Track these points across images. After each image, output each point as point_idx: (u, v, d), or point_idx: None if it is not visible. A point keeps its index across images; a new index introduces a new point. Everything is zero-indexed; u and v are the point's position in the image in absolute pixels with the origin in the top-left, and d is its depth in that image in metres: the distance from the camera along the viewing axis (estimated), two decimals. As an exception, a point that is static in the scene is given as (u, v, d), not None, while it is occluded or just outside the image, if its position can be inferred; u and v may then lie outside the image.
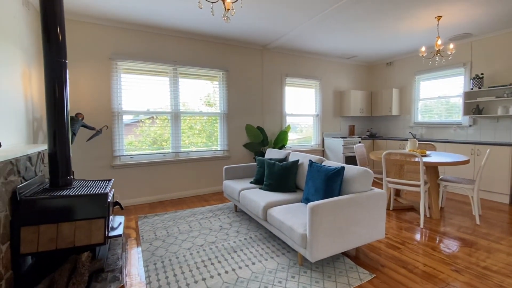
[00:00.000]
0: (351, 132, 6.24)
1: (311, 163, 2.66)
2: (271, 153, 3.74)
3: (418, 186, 3.05)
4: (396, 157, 3.12)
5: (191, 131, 4.45)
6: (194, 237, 2.74)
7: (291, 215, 2.28)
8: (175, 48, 4.23)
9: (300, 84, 5.55)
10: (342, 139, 5.39)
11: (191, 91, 4.41)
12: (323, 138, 5.87)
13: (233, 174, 3.69)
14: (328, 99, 5.93)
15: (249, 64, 4.89)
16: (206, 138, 4.58)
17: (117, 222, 2.47)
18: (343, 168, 2.33)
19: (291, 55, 5.35)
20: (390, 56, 5.80)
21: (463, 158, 3.24)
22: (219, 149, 4.67)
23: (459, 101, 4.90)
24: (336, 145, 5.54)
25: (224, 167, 3.68)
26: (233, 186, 3.32)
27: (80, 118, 3.38)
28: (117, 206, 2.69)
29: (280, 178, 2.98)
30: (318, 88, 5.77)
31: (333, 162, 2.70)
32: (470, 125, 4.71)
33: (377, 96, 6.12)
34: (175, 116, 4.27)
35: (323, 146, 5.88)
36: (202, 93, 4.51)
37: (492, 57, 4.41)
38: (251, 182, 3.38)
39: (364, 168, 2.29)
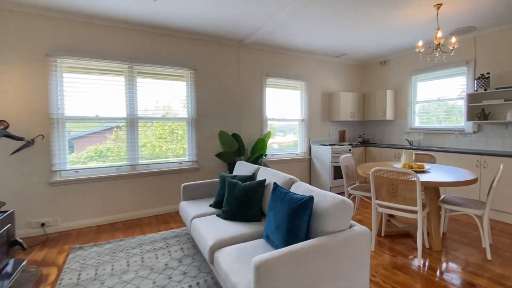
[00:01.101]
0: (342, 139, 5.64)
1: (275, 187, 2.04)
2: (240, 168, 3.12)
3: (415, 212, 2.44)
4: (387, 174, 2.51)
5: (153, 139, 3.83)
6: (125, 282, 2.12)
7: (241, 263, 1.67)
8: (131, 43, 3.61)
9: (284, 85, 4.94)
10: (330, 146, 4.79)
11: (153, 93, 3.80)
12: (310, 145, 5.27)
13: (194, 193, 3.08)
14: (315, 102, 5.33)
15: (222, 62, 4.28)
16: (170, 148, 3.96)
17: (11, 270, 1.84)
18: (311, 199, 1.71)
19: (272, 52, 4.74)
20: (384, 54, 5.21)
21: (468, 175, 2.64)
22: (186, 160, 4.05)
23: (461, 104, 4.31)
24: (323, 154, 4.93)
25: (182, 185, 3.06)
26: (187, 210, 2.71)
27: (1, 127, 2.76)
28: (18, 246, 2.08)
29: (242, 203, 2.36)
30: (304, 89, 5.17)
31: (305, 185, 2.09)
32: (474, 132, 4.12)
33: (370, 99, 5.53)
34: (131, 122, 3.65)
35: (309, 155, 5.27)
36: (166, 95, 3.89)
37: (500, 54, 3.82)
38: (210, 205, 2.77)
39: (341, 198, 1.68)
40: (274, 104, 4.85)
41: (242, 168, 3.08)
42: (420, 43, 3.25)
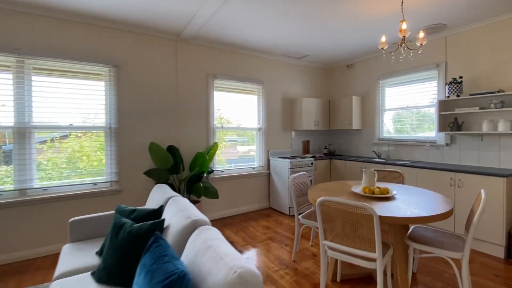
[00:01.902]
0: (306, 150, 5.02)
1: (154, 240, 1.30)
2: (156, 195, 2.35)
3: (374, 260, 1.78)
4: (337, 206, 1.85)
5: (56, 155, 2.97)
6: None
7: None
8: (22, 30, 2.77)
9: (237, 89, 4.25)
10: (289, 159, 4.12)
11: (58, 95, 2.95)
12: (268, 158, 4.59)
13: (87, 231, 2.25)
14: (275, 108, 4.68)
15: (155, 59, 3.52)
16: (80, 165, 3.11)
17: None
18: (180, 278, 0.98)
19: (221, 50, 4.05)
20: (350, 56, 4.69)
21: (442, 203, 2.03)
22: (104, 180, 3.21)
23: (433, 113, 3.82)
24: (282, 168, 4.26)
25: (70, 220, 2.23)
26: (61, 260, 1.88)
27: None
28: None
29: (124, 257, 1.59)
30: (261, 94, 4.51)
31: (211, 234, 1.36)
32: (447, 144, 3.62)
33: (335, 106, 4.97)
34: (20, 133, 2.77)
35: (268, 168, 4.59)
36: (76, 98, 3.06)
37: (473, 56, 3.36)
38: (97, 253, 1.96)
39: (240, 272, 0.96)
40: (225, 111, 4.13)
41: (158, 195, 2.31)
42: (383, 39, 2.67)
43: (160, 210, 1.96)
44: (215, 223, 3.81)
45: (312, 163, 4.37)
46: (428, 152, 3.83)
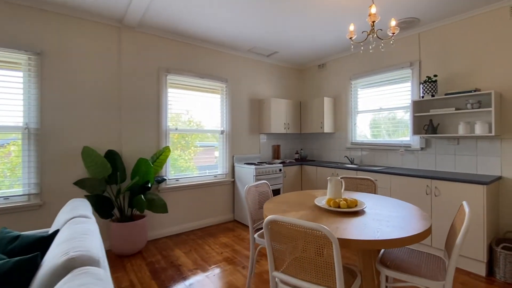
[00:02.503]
0: (276, 155, 4.61)
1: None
2: (59, 217, 1.80)
3: (335, 299, 1.36)
4: (289, 228, 1.42)
5: (-51, 162, 2.33)
6: None
7: None
8: None
9: (196, 87, 3.78)
10: (255, 166, 3.69)
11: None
12: (233, 164, 4.12)
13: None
14: (241, 109, 4.25)
15: (90, 48, 2.98)
16: (-13, 174, 2.48)
17: None
18: None
19: (175, 41, 3.57)
20: (321, 55, 4.38)
21: (419, 220, 1.67)
22: (20, 193, 2.60)
23: (408, 119, 3.55)
24: (247, 175, 3.82)
25: None
26: None
27: None
28: None
29: (-37, 316, 1.05)
30: (225, 93, 4.07)
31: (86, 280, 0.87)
32: (422, 148, 3.35)
33: (306, 107, 4.63)
34: None
35: (233, 176, 4.12)
36: (-19, 91, 2.45)
37: (448, 53, 3.13)
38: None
39: None
40: (181, 111, 3.64)
41: (64, 214, 1.76)
42: (352, 27, 2.33)
43: (51, 238, 1.43)
44: (166, 241, 3.27)
45: (280, 170, 3.96)
46: (402, 157, 3.55)
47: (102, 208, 2.78)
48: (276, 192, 3.90)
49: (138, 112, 3.26)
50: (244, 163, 3.99)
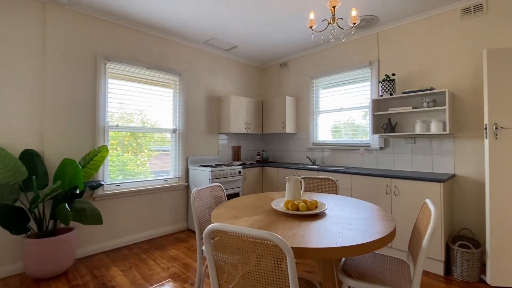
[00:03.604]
0: (236, 157, 4.32)
1: None
2: None
3: (290, 325, 1.09)
4: (236, 238, 1.12)
5: None
6: None
7: None
8: None
9: (143, 79, 3.34)
10: (211, 168, 3.35)
11: None
12: (187, 166, 3.73)
13: None
14: (197, 106, 3.90)
15: (6, 25, 2.42)
16: None
17: None
18: None
19: (117, 25, 3.11)
20: (283, 53, 4.24)
21: (382, 218, 1.50)
22: None
23: (366, 120, 3.52)
24: (202, 179, 3.46)
25: None
26: None
27: None
28: None
29: None
30: (178, 88, 3.69)
31: None
32: (381, 148, 3.32)
33: (268, 106, 4.43)
34: None
35: (187, 180, 3.73)
36: None
37: (405, 53, 3.15)
38: None
39: None
40: (127, 105, 3.17)
41: None
42: (312, 15, 2.16)
43: None
44: (102, 257, 2.76)
45: (240, 172, 3.68)
46: (362, 157, 3.50)
47: (13, 222, 2.22)
48: (234, 196, 3.59)
49: (67, 105, 2.73)
50: (200, 166, 3.63)
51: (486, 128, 2.25)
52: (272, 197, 2.09)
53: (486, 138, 2.25)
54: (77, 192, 2.40)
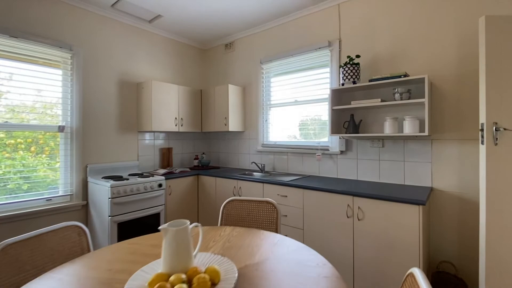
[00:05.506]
0: (166, 162, 3.36)
1: None
2: None
3: None
4: None
5: None
6: None
7: None
8: None
9: (10, 53, 2.23)
10: (112, 181, 2.36)
11: None
12: (86, 178, 2.69)
13: None
14: (104, 93, 2.86)
15: None
16: None
17: None
18: None
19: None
20: (227, 30, 3.34)
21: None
22: None
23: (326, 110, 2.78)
24: (100, 198, 2.46)
25: None
26: None
27: None
28: None
29: None
30: (70, 68, 2.61)
31: None
32: (341, 152, 2.60)
33: (208, 98, 3.51)
34: None
35: (86, 198, 2.69)
36: None
37: (372, 31, 2.43)
38: None
39: None
40: (-33, 90, 2.05)
41: None
42: None
43: None
44: None
45: (161, 185, 2.72)
46: (319, 163, 2.76)
47: None
48: (152, 219, 2.64)
49: None
50: (102, 178, 2.61)
51: (482, 130, 1.58)
52: (154, 254, 1.20)
53: (482, 143, 1.59)
54: None
